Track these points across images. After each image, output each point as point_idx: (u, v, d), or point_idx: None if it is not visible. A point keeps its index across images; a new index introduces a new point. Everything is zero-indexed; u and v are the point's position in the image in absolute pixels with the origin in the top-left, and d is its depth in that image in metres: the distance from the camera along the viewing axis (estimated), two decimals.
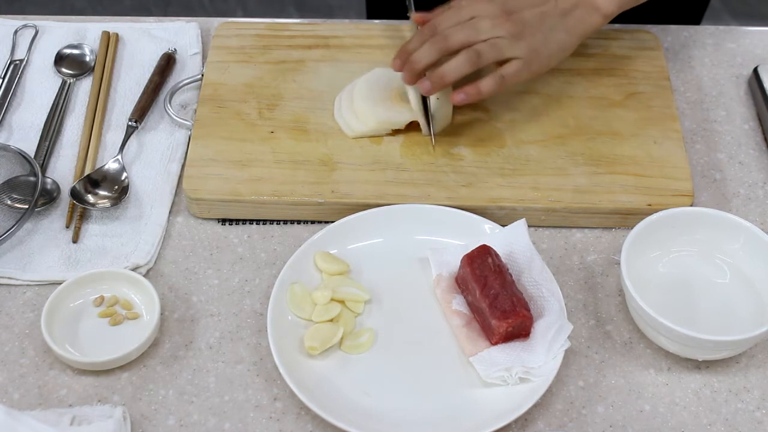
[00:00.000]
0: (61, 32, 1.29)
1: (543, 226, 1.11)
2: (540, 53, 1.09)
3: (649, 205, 1.09)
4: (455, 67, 1.07)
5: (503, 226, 1.06)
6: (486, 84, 1.09)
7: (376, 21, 1.30)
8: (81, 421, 0.93)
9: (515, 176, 1.11)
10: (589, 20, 1.11)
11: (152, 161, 1.16)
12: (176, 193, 1.13)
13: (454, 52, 1.08)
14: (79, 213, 1.10)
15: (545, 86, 1.20)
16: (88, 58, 1.26)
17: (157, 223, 1.10)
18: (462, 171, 1.12)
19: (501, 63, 1.09)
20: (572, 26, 1.11)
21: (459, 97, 1.09)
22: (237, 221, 1.11)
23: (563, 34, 1.10)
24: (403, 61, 1.10)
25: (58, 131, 1.18)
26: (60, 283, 1.02)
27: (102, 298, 1.03)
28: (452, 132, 1.16)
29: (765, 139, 1.20)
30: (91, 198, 1.11)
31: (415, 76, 1.09)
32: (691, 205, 1.09)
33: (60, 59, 1.26)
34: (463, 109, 1.16)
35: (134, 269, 1.05)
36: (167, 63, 1.24)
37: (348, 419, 0.93)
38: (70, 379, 0.98)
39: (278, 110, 1.18)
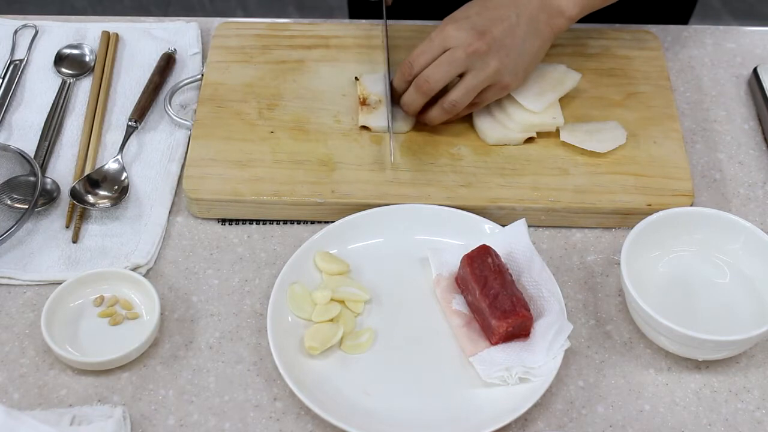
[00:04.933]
0: (61, 32, 1.30)
1: (543, 226, 1.11)
2: (517, 69, 1.10)
3: (649, 205, 1.09)
4: (436, 117, 1.13)
5: (503, 226, 1.06)
6: (461, 112, 1.13)
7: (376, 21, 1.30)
8: (81, 421, 0.93)
9: (515, 176, 1.11)
10: (556, 23, 1.12)
11: (152, 161, 1.16)
12: (176, 193, 1.13)
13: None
14: (79, 213, 1.10)
15: None
16: (88, 58, 1.26)
17: (157, 223, 1.10)
18: (462, 171, 1.12)
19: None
20: (542, 30, 1.12)
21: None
22: (237, 221, 1.11)
23: (536, 41, 1.11)
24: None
25: (58, 131, 1.18)
26: (60, 283, 1.02)
27: (102, 298, 1.03)
28: (452, 132, 1.16)
29: (765, 139, 1.20)
30: (91, 198, 1.11)
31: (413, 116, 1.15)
32: (691, 205, 1.09)
33: (60, 59, 1.26)
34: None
35: (134, 269, 1.05)
36: (167, 63, 1.24)
37: (348, 419, 0.93)
38: (70, 379, 0.98)
39: (278, 110, 1.18)
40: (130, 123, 1.18)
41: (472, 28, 1.08)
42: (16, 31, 1.29)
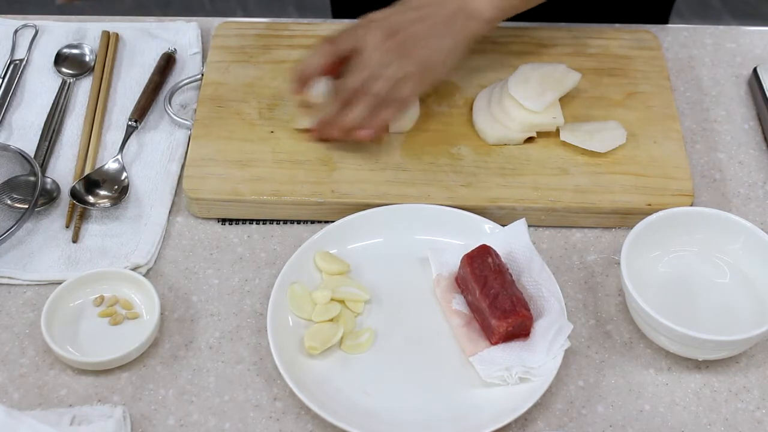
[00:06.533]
0: (61, 32, 1.29)
1: (543, 226, 1.11)
2: (433, 64, 1.09)
3: (649, 205, 1.09)
4: (356, 117, 1.09)
5: (503, 226, 1.06)
6: (388, 114, 1.10)
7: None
8: (81, 421, 0.93)
9: (515, 176, 1.11)
10: (472, 26, 1.11)
11: (152, 161, 1.16)
12: (176, 193, 1.13)
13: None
14: (79, 213, 1.10)
15: None
16: (88, 58, 1.26)
17: (157, 222, 1.10)
18: (462, 171, 1.12)
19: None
20: (457, 32, 1.10)
21: (364, 133, 1.10)
22: (237, 221, 1.11)
23: (450, 40, 1.10)
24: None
25: (58, 131, 1.18)
26: (60, 283, 1.02)
27: (102, 297, 1.03)
28: (452, 132, 1.16)
29: (765, 139, 1.20)
30: (91, 198, 1.11)
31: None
32: (691, 205, 1.09)
33: (60, 59, 1.26)
34: (463, 109, 1.17)
35: (134, 269, 1.05)
36: (167, 63, 1.24)
37: (348, 419, 0.93)
38: (70, 379, 0.98)
39: (278, 110, 1.18)
40: (130, 123, 1.18)
41: (387, 28, 1.08)
42: (16, 31, 1.29)
